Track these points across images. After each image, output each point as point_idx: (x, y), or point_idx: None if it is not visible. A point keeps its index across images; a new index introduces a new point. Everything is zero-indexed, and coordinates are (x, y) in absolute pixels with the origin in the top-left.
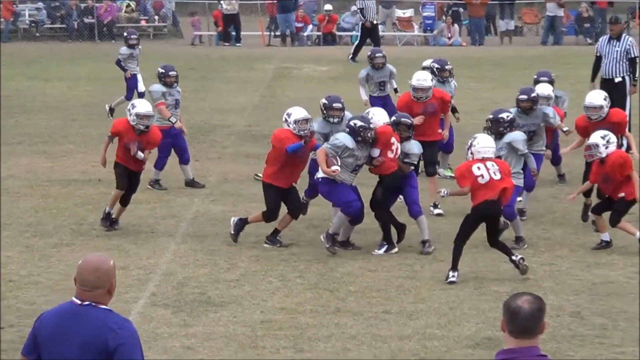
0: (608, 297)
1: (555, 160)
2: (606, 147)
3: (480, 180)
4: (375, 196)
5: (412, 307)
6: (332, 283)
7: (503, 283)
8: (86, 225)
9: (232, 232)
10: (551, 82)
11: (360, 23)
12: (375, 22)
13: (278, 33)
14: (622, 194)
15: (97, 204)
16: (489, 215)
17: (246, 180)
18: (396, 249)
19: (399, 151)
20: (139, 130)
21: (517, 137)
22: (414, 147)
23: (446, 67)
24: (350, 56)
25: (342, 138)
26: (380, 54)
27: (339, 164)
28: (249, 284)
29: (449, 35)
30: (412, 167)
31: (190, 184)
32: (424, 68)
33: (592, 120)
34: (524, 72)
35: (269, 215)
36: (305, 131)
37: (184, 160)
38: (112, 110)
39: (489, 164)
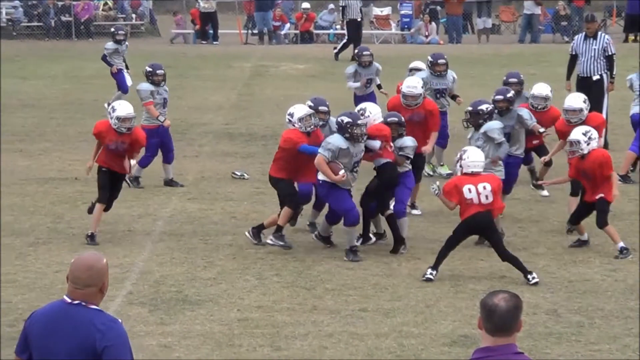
0: (584, 294)
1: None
2: (588, 144)
3: (468, 202)
4: (369, 188)
5: (389, 305)
6: (309, 281)
7: (480, 281)
8: (63, 224)
9: (255, 241)
10: (521, 82)
11: (345, 21)
12: (359, 19)
13: (255, 31)
14: (601, 195)
15: (74, 202)
16: (480, 227)
17: (223, 178)
18: (373, 240)
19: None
20: (121, 132)
21: (492, 125)
22: (407, 140)
23: (439, 61)
24: (336, 51)
25: (334, 141)
26: (368, 52)
27: (342, 166)
28: (225, 282)
29: (427, 34)
30: (408, 161)
31: (169, 183)
32: (411, 70)
33: (572, 123)
34: (502, 70)
35: (293, 204)
36: (312, 127)
37: (168, 159)
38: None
39: (480, 186)
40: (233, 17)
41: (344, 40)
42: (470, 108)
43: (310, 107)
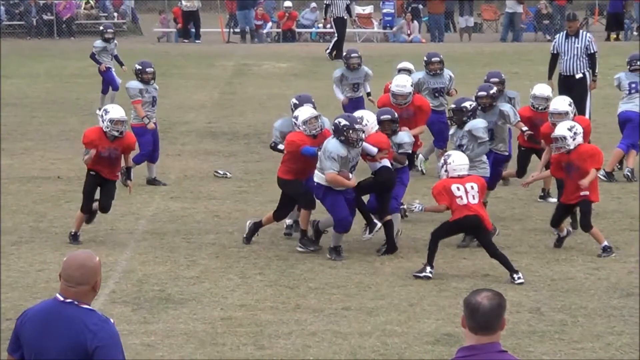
0: (567, 293)
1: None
2: (574, 139)
3: (458, 201)
4: (361, 185)
5: (372, 303)
6: (292, 280)
7: (463, 279)
8: (45, 223)
9: (245, 237)
10: (502, 82)
11: (332, 19)
12: (345, 17)
13: (238, 30)
14: (585, 193)
15: (56, 201)
16: (471, 228)
17: (206, 177)
18: (379, 225)
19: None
20: (112, 136)
21: (477, 124)
22: (405, 136)
23: (433, 59)
24: (328, 51)
25: (334, 148)
26: (356, 54)
27: (349, 172)
28: (208, 281)
29: (409, 32)
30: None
31: (152, 182)
32: (400, 70)
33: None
34: (484, 69)
35: (307, 203)
36: (317, 130)
37: (152, 158)
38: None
39: (468, 185)
40: (215, 15)
41: (335, 39)
42: (453, 106)
43: (295, 105)
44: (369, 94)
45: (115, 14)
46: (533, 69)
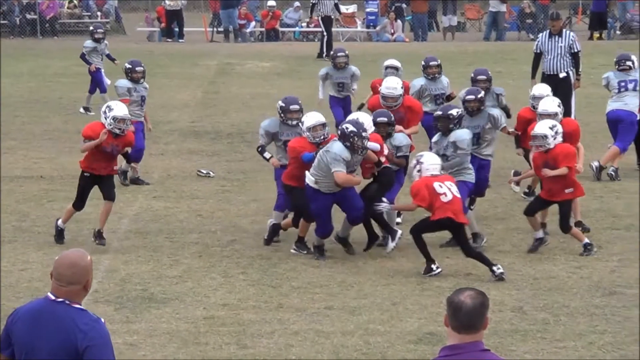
0: (549, 292)
1: None
2: (554, 138)
3: (443, 198)
4: (369, 191)
5: (355, 302)
6: (275, 279)
7: (445, 278)
8: (28, 222)
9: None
10: (489, 79)
11: (320, 17)
12: (333, 17)
13: (221, 29)
14: (570, 190)
15: (39, 200)
16: (452, 227)
17: (189, 176)
18: (400, 232)
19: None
20: (115, 134)
21: (462, 136)
22: (402, 139)
23: (431, 63)
24: (324, 54)
25: (340, 151)
26: (343, 54)
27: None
28: (191, 280)
29: (392, 31)
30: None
31: (135, 181)
32: (387, 68)
33: None
34: (467, 68)
35: (306, 216)
36: (320, 138)
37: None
38: (87, 109)
39: (447, 183)
40: (198, 14)
41: (325, 39)
42: (440, 113)
43: (281, 107)
44: (353, 91)
45: (99, 13)
46: (516, 68)
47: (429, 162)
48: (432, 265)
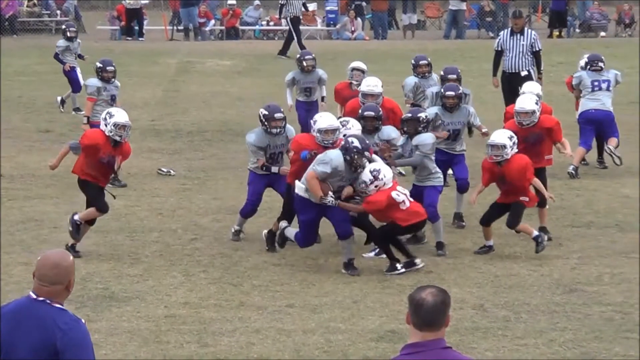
0: (510, 289)
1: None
2: (512, 149)
3: (402, 206)
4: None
5: (316, 300)
6: (236, 277)
7: (407, 276)
8: None
9: (269, 245)
10: (459, 79)
11: (289, 18)
12: (300, 17)
13: (181, 27)
14: (525, 199)
15: None
16: (418, 225)
17: (149, 175)
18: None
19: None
20: (114, 141)
21: (425, 140)
22: (390, 132)
23: (420, 62)
24: (287, 52)
25: (336, 158)
26: (310, 57)
27: (331, 188)
28: (152, 278)
29: (352, 29)
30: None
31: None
32: (353, 69)
33: (524, 126)
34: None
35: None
36: (329, 142)
37: None
38: (63, 102)
39: (399, 188)
40: (159, 13)
41: (295, 39)
42: (409, 115)
43: (265, 115)
44: (323, 98)
45: (58, 12)
46: (476, 66)
47: (387, 176)
48: (397, 265)
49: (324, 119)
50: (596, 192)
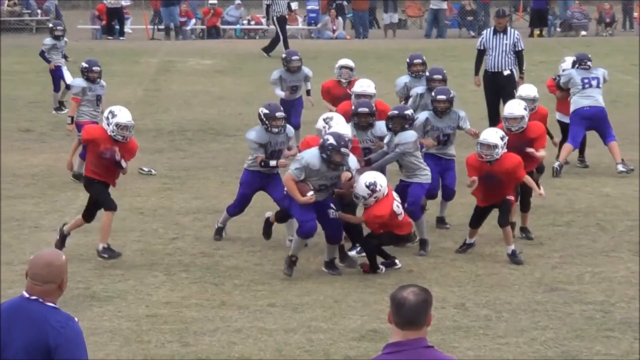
0: (492, 288)
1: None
2: (503, 149)
3: (400, 217)
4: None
5: (298, 300)
6: (218, 277)
7: (388, 276)
8: None
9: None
10: (444, 79)
11: (274, 17)
12: (286, 16)
13: (162, 27)
14: (511, 197)
15: None
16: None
17: (130, 174)
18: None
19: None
20: (117, 140)
21: (406, 139)
22: (384, 128)
23: (415, 61)
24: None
25: (309, 157)
26: (297, 57)
27: (311, 187)
28: (133, 278)
29: (333, 29)
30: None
31: (79, 177)
32: (341, 67)
33: (513, 131)
34: None
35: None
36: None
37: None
38: (59, 108)
39: (395, 195)
40: (139, 12)
41: (281, 38)
42: (395, 112)
43: (265, 114)
44: (308, 92)
45: (39, 11)
46: (457, 65)
47: (384, 184)
48: (377, 270)
49: (340, 127)
50: (577, 192)
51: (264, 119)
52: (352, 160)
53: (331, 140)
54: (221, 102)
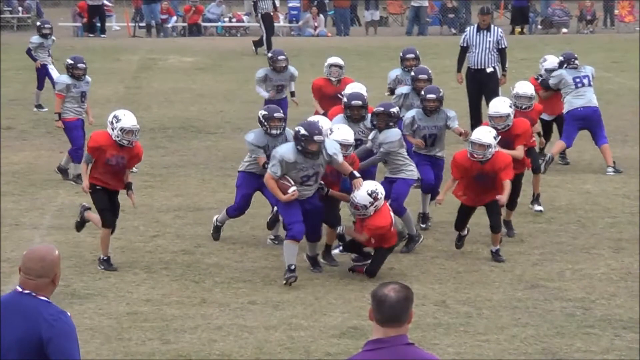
0: (472, 285)
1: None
2: (495, 148)
3: (393, 227)
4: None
5: (278, 297)
6: (198, 274)
7: None
8: None
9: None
10: (430, 79)
11: (260, 14)
12: (271, 13)
13: (143, 24)
14: (500, 197)
15: None
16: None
17: None
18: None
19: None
20: (122, 145)
21: (390, 137)
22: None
23: (407, 56)
24: (266, 49)
25: (282, 151)
26: (283, 57)
27: (291, 183)
28: (114, 275)
29: (315, 26)
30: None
31: (64, 171)
32: (331, 66)
33: (499, 130)
34: (390, 62)
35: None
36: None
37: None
38: (39, 106)
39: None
40: (121, 9)
41: (264, 36)
42: (381, 109)
43: (264, 115)
44: (292, 94)
45: (20, 9)
46: (439, 63)
47: (383, 192)
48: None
49: (341, 132)
50: (558, 188)
51: (263, 121)
52: (331, 146)
53: (303, 130)
54: (202, 99)
